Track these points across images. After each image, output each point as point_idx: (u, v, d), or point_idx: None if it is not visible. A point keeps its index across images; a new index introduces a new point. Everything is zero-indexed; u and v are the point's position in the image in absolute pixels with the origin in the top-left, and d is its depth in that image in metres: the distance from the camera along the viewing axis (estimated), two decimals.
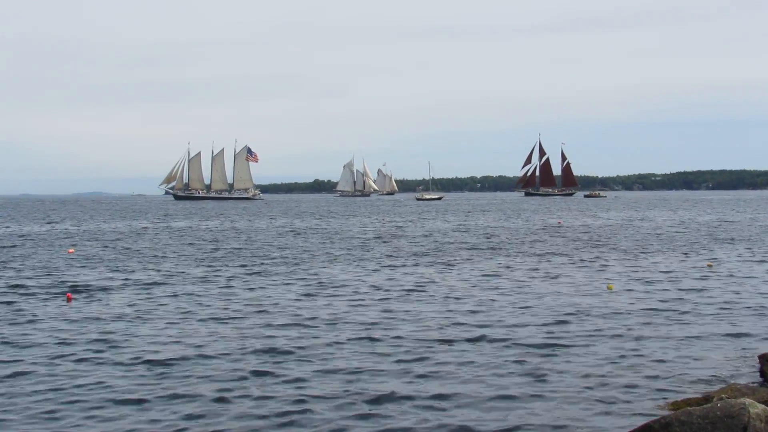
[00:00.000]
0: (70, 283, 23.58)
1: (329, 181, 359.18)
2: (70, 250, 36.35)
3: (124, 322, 16.90)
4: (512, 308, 18.34)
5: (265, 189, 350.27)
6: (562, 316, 17.17)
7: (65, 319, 17.29)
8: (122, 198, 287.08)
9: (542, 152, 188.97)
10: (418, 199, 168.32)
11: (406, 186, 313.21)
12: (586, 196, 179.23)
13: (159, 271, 27.26)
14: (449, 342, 14.54)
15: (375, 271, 26.83)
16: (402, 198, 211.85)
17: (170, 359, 13.36)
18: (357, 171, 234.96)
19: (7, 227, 61.35)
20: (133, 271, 27.06)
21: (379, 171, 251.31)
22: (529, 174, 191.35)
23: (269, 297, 20.60)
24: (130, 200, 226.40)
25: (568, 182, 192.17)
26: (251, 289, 22.15)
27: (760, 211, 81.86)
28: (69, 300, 20.21)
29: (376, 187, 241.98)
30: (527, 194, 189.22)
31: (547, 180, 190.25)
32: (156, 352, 13.96)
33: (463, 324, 16.29)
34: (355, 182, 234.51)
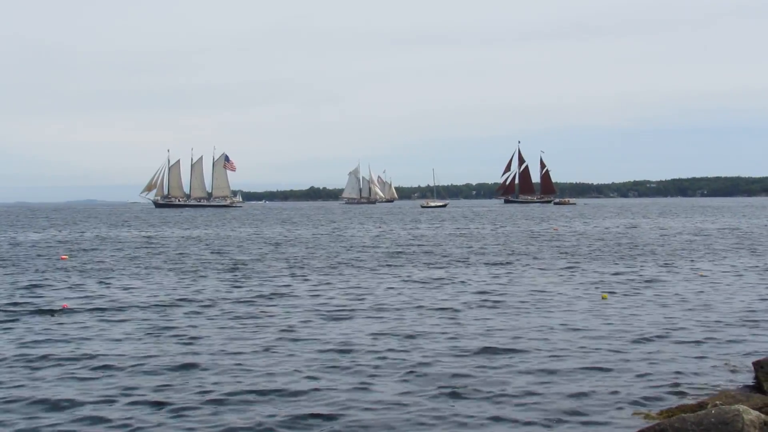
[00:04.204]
0: (63, 290, 23.47)
1: (325, 188, 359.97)
2: (63, 257, 36.25)
3: (122, 328, 16.82)
4: (507, 317, 18.33)
5: (260, 197, 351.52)
6: (555, 324, 17.12)
7: (62, 325, 17.19)
8: (115, 206, 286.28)
9: (521, 160, 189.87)
10: (423, 207, 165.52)
11: (402, 193, 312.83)
12: (555, 204, 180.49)
13: (154, 276, 27.21)
14: (453, 354, 14.53)
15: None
16: (405, 205, 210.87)
17: (168, 362, 13.30)
18: (363, 178, 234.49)
19: (2, 234, 61.20)
20: (130, 277, 26.99)
21: (378, 178, 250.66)
22: (508, 182, 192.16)
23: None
24: (121, 207, 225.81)
25: (547, 189, 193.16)
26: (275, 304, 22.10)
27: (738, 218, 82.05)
28: (64, 307, 20.08)
29: (382, 195, 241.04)
30: (506, 201, 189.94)
31: (526, 187, 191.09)
32: (153, 357, 13.90)
33: (460, 333, 16.29)
34: (361, 189, 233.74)
